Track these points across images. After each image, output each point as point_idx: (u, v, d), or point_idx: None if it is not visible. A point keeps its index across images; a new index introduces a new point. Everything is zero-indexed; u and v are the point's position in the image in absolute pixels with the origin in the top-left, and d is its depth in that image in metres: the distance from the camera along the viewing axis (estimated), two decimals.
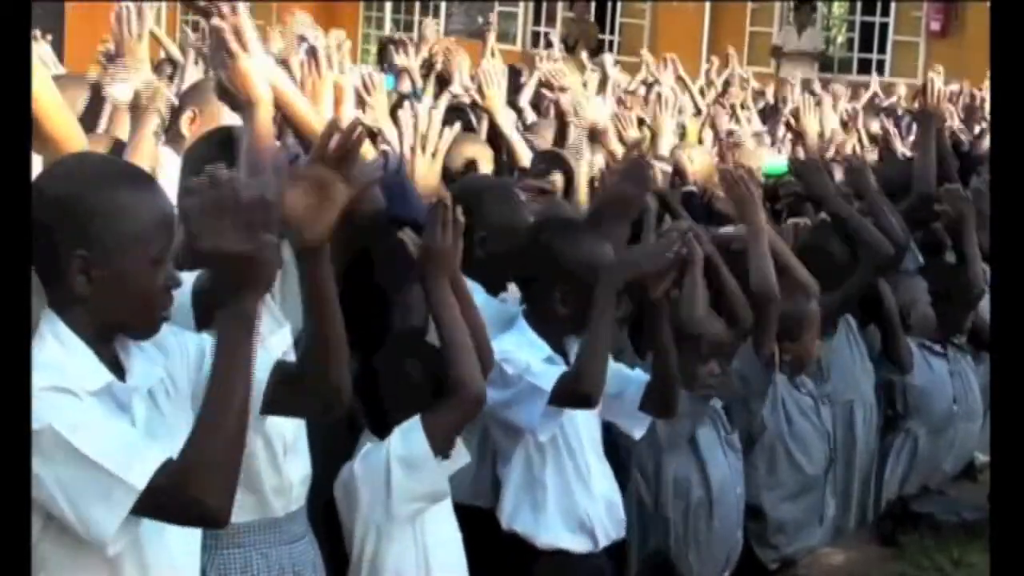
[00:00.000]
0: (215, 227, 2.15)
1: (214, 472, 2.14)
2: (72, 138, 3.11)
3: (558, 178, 4.84)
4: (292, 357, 2.60)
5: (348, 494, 3.20)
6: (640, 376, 3.80)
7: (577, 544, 3.71)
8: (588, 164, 5.04)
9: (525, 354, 3.60)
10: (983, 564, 4.89)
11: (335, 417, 2.62)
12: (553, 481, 3.69)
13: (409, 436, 3.14)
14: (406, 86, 8.00)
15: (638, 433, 3.91)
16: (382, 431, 3.21)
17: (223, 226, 2.15)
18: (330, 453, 3.16)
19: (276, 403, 2.49)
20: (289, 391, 2.49)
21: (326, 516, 3.20)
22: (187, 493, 2.14)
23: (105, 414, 2.21)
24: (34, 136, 2.83)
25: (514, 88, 7.65)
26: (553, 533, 3.68)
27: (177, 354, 2.40)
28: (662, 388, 3.75)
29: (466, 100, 6.42)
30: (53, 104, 3.08)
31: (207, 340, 2.44)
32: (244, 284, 2.20)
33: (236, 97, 2.90)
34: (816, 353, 4.97)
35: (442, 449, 3.16)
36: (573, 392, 3.55)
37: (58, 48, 9.11)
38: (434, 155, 3.90)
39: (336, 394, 2.49)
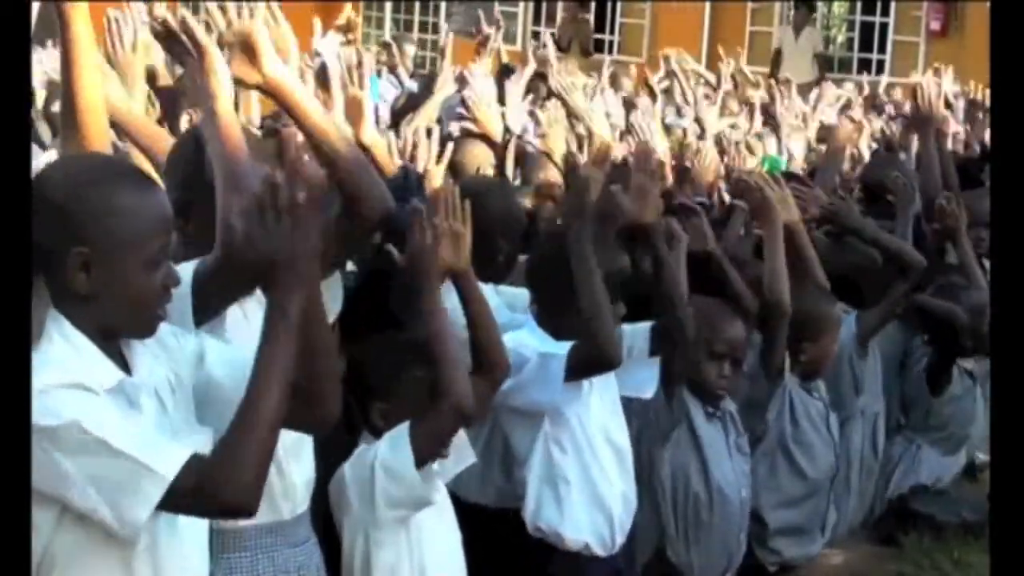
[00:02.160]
0: (259, 230, 2.18)
1: (247, 468, 2.15)
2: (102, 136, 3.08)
3: None
4: None
5: (339, 495, 3.21)
6: (641, 327, 3.82)
7: (599, 539, 3.72)
8: None
9: (536, 342, 3.63)
10: (983, 564, 4.88)
11: (326, 431, 2.61)
12: (575, 474, 3.69)
13: (395, 443, 3.14)
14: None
15: (649, 392, 3.92)
16: (372, 428, 3.24)
17: (266, 229, 2.18)
18: (330, 455, 3.16)
19: None
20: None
21: (327, 518, 3.21)
22: (218, 487, 2.15)
23: (121, 409, 2.22)
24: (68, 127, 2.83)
25: None
26: (578, 528, 3.69)
27: (179, 353, 2.40)
28: (671, 322, 3.79)
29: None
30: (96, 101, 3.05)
31: (205, 340, 2.46)
32: (285, 285, 2.21)
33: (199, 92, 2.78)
34: (833, 358, 4.90)
35: (428, 458, 3.15)
36: (588, 355, 3.55)
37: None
38: (438, 163, 4.18)
39: (329, 411, 2.46)
